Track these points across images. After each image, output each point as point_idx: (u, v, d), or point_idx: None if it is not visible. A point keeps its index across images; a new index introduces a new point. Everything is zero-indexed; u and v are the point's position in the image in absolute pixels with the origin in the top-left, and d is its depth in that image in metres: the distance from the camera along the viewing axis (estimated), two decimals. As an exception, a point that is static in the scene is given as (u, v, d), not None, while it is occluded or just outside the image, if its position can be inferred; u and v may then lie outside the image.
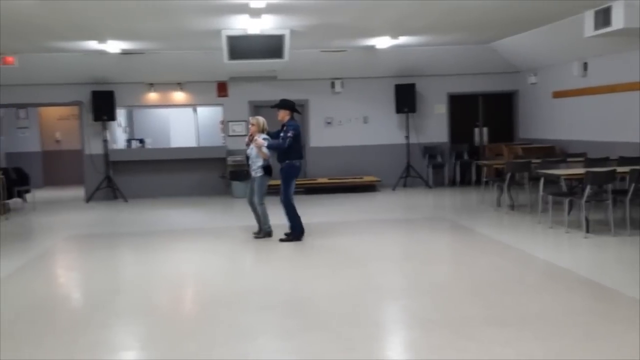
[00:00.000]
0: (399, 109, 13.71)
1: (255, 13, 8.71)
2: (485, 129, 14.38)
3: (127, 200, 13.09)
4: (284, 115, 8.21)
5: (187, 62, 12.80)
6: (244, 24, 9.56)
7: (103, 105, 13.04)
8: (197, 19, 9.08)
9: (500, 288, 5.81)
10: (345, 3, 8.31)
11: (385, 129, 14.06)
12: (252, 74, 13.05)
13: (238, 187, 12.68)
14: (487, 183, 11.13)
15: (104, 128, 13.26)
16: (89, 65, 12.61)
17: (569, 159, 10.12)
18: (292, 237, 8.22)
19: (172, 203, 12.67)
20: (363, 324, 4.86)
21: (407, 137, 13.83)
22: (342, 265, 6.95)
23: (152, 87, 13.56)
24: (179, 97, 13.77)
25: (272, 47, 10.41)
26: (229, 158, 13.19)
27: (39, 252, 8.24)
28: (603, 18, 8.57)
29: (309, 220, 9.58)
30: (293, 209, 8.19)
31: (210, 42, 10.81)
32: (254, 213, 8.52)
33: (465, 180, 14.13)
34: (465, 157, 14.15)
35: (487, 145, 14.03)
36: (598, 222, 8.52)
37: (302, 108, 13.80)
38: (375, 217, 10.24)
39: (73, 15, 8.50)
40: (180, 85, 13.62)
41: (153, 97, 13.68)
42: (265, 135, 8.29)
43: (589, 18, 8.91)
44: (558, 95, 12.40)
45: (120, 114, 14.38)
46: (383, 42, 11.78)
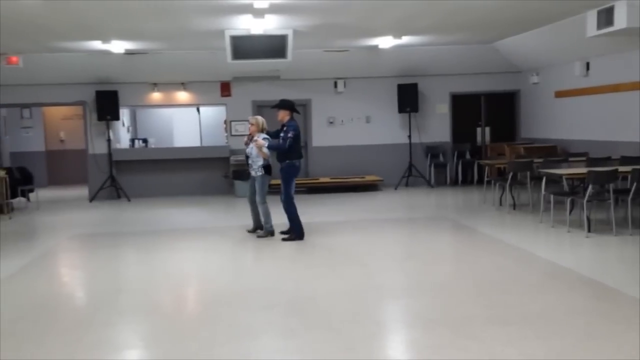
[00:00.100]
0: (402, 109, 13.73)
1: (259, 13, 8.74)
2: (488, 129, 14.37)
3: (130, 200, 13.13)
4: (284, 116, 8.26)
5: (190, 62, 12.83)
6: (248, 24, 9.59)
7: (107, 105, 13.08)
8: (200, 19, 9.10)
9: (502, 287, 5.83)
10: (349, 3, 8.33)
11: (388, 129, 14.07)
12: (255, 74, 13.08)
13: (241, 186, 12.69)
14: (489, 182, 11.13)
15: (108, 128, 13.31)
16: (93, 65, 12.65)
17: (571, 159, 10.12)
18: (294, 236, 8.26)
19: (175, 202, 12.71)
20: (364, 323, 4.88)
21: (409, 136, 13.84)
22: (343, 265, 6.98)
23: (155, 87, 13.60)
24: (183, 97, 13.80)
25: (275, 47, 10.43)
26: (232, 157, 13.22)
27: (43, 251, 8.29)
28: (605, 18, 8.58)
29: (311, 220, 9.62)
30: (294, 208, 8.24)
31: (214, 42, 10.84)
32: (252, 211, 8.66)
33: (467, 180, 14.14)
34: (468, 156, 14.16)
35: (489, 145, 14.02)
36: (600, 221, 8.53)
37: (304, 108, 13.87)
38: (377, 216, 10.26)
39: (77, 16, 8.53)
40: (184, 85, 13.66)
41: (156, 97, 13.72)
42: (265, 135, 8.35)
43: (592, 18, 8.91)
44: (560, 95, 12.41)
45: (124, 114, 14.43)
46: (386, 42, 11.79)
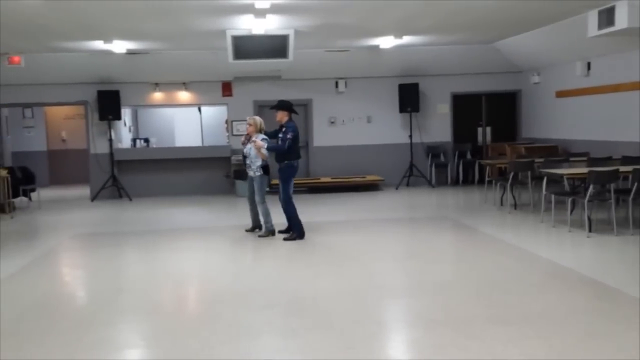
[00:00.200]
0: (403, 109, 13.73)
1: (260, 13, 8.75)
2: (488, 129, 14.37)
3: (131, 199, 13.15)
4: (282, 116, 8.31)
5: (192, 62, 12.85)
6: (249, 24, 9.60)
7: (108, 105, 13.10)
8: (202, 19, 9.12)
9: (503, 287, 5.84)
10: (350, 3, 8.34)
11: (389, 129, 14.08)
12: (256, 74, 13.09)
13: (242, 186, 12.68)
14: (490, 182, 11.14)
15: (110, 127, 13.32)
16: (95, 65, 12.67)
17: (572, 159, 10.12)
18: (294, 235, 8.29)
19: (176, 202, 12.72)
20: (365, 323, 4.89)
21: (410, 136, 13.85)
22: (344, 264, 6.99)
23: (157, 86, 13.61)
24: (184, 96, 13.82)
25: (276, 47, 10.45)
26: (233, 157, 13.23)
27: (44, 250, 8.30)
28: (607, 18, 8.58)
29: (312, 219, 9.63)
30: (293, 208, 8.28)
31: (215, 42, 10.85)
32: (251, 211, 8.74)
33: (468, 180, 14.14)
34: (468, 156, 14.16)
35: (490, 145, 14.03)
36: (601, 221, 8.53)
37: (305, 108, 13.89)
38: (378, 216, 10.27)
39: (79, 16, 8.55)
40: (185, 85, 13.67)
41: (158, 96, 13.73)
42: (264, 136, 8.40)
43: (593, 18, 8.92)
44: (561, 95, 12.41)
45: (126, 114, 14.44)
46: (387, 41, 11.80)
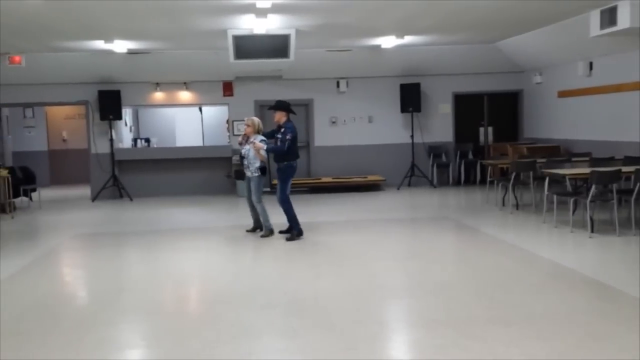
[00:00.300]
0: (404, 109, 13.72)
1: (261, 13, 8.74)
2: (490, 129, 14.37)
3: (132, 199, 13.14)
4: (281, 117, 8.34)
5: (193, 61, 12.84)
6: (250, 24, 9.59)
7: (109, 105, 13.09)
8: (203, 19, 9.11)
9: (505, 287, 5.82)
10: (351, 3, 8.32)
11: (390, 129, 14.06)
12: (257, 74, 13.08)
13: (243, 186, 12.65)
14: (491, 182, 11.13)
15: (110, 127, 13.31)
16: (96, 65, 12.67)
17: (574, 159, 10.10)
18: (295, 233, 8.31)
19: (177, 202, 12.71)
20: (366, 323, 4.87)
21: (411, 136, 13.83)
22: (345, 264, 6.97)
23: (158, 86, 13.60)
24: (185, 96, 13.81)
25: (277, 46, 10.44)
26: (234, 157, 13.21)
27: (45, 250, 8.29)
28: (609, 17, 8.57)
29: (314, 219, 9.63)
30: (291, 207, 8.32)
31: (216, 41, 10.84)
32: (252, 211, 8.76)
33: (470, 180, 14.13)
34: (470, 156, 14.14)
35: (491, 145, 14.02)
36: (603, 221, 8.52)
37: (307, 107, 13.88)
38: (380, 216, 10.25)
39: (80, 15, 8.54)
40: (186, 85, 13.66)
41: (159, 96, 13.72)
42: (263, 137, 8.42)
43: (595, 17, 8.90)
44: (563, 95, 12.39)
45: (127, 114, 14.44)
46: (388, 41, 11.78)
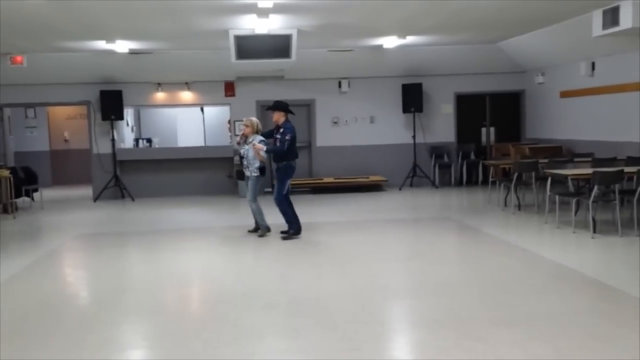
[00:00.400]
0: (406, 109, 13.70)
1: (263, 13, 8.73)
2: (492, 129, 14.35)
3: (134, 200, 13.14)
4: (279, 117, 8.37)
5: (194, 61, 12.84)
6: (252, 24, 9.58)
7: (111, 105, 13.10)
8: (204, 19, 9.10)
9: (507, 288, 5.81)
10: (353, 3, 8.32)
11: (392, 129, 14.05)
12: (259, 74, 13.08)
13: (245, 186, 12.68)
14: (494, 183, 11.12)
15: (112, 127, 13.31)
16: (97, 65, 12.67)
17: (576, 159, 10.09)
18: (292, 233, 8.36)
19: (179, 202, 12.71)
20: (369, 324, 4.87)
21: (413, 136, 13.82)
22: (347, 265, 6.97)
23: (159, 86, 13.61)
24: (187, 96, 13.81)
25: (279, 46, 10.43)
26: (236, 157, 13.21)
27: (47, 250, 8.29)
28: (611, 17, 8.55)
29: (315, 220, 9.63)
30: (287, 207, 8.36)
31: (218, 42, 10.84)
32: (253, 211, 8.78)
33: (472, 180, 14.11)
34: (472, 157, 14.12)
35: (494, 145, 14.01)
36: (605, 222, 8.50)
37: (308, 108, 13.89)
38: (382, 216, 10.24)
39: (81, 15, 8.54)
40: (188, 85, 13.66)
41: (161, 96, 13.73)
42: (262, 138, 8.46)
43: (597, 17, 8.89)
44: (565, 95, 12.37)
45: (128, 114, 14.46)
46: (390, 41, 11.78)
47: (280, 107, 8.41)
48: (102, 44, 10.96)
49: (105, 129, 13.39)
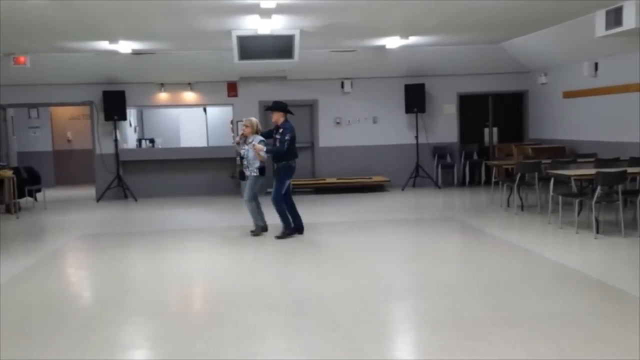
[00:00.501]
0: (409, 109, 13.70)
1: (266, 13, 8.74)
2: (495, 129, 14.34)
3: (137, 200, 13.15)
4: (278, 117, 8.40)
5: (197, 62, 12.85)
6: (255, 24, 9.59)
7: (114, 105, 13.11)
8: (207, 19, 9.11)
9: (510, 289, 5.80)
10: (356, 3, 8.32)
11: (395, 129, 14.05)
12: (262, 74, 13.09)
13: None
14: (496, 183, 11.10)
15: (115, 128, 13.34)
16: (100, 65, 12.69)
17: (579, 160, 10.07)
18: (287, 232, 8.40)
19: (181, 202, 12.72)
20: (371, 324, 4.86)
21: (416, 137, 13.81)
22: (350, 265, 6.96)
23: (162, 87, 13.62)
24: (189, 97, 13.82)
25: (282, 47, 10.44)
26: (239, 158, 13.22)
27: (50, 251, 8.30)
28: (614, 18, 8.54)
29: (318, 220, 9.63)
30: (283, 205, 8.39)
31: (221, 42, 10.85)
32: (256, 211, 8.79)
33: (475, 181, 14.10)
34: (475, 157, 14.11)
35: (496, 146, 13.99)
36: (608, 223, 8.48)
37: (311, 108, 13.90)
38: (384, 217, 10.24)
39: (84, 16, 8.56)
40: (191, 85, 13.67)
41: (163, 97, 13.74)
42: (262, 138, 8.47)
43: (600, 18, 8.88)
44: (568, 96, 12.35)
45: (131, 114, 14.46)
46: (393, 42, 11.77)
47: (280, 107, 8.44)
48: (105, 45, 10.98)
49: (108, 129, 13.41)
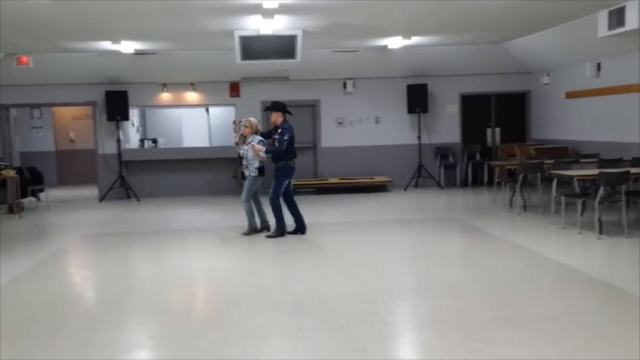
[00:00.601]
0: (411, 109, 13.69)
1: (268, 13, 8.74)
2: (498, 130, 14.33)
3: (139, 200, 13.16)
4: (277, 117, 8.43)
5: (200, 62, 12.86)
6: (257, 25, 9.59)
7: (116, 105, 13.13)
8: (210, 20, 9.11)
9: (512, 289, 5.80)
10: (358, 3, 8.31)
11: (397, 129, 14.04)
12: (264, 74, 13.09)
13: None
14: (499, 184, 11.10)
15: (117, 128, 13.35)
16: (103, 66, 12.70)
17: (582, 160, 10.06)
18: (278, 234, 8.47)
19: (184, 202, 12.73)
20: (374, 324, 4.86)
21: (419, 137, 13.80)
22: (352, 265, 6.96)
23: (165, 87, 13.63)
24: (192, 97, 13.83)
25: (284, 47, 10.44)
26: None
27: (53, 250, 8.31)
28: (617, 18, 8.53)
29: (320, 220, 9.63)
30: (280, 206, 8.42)
31: (223, 42, 10.85)
32: (258, 211, 8.83)
33: (477, 181, 14.09)
34: (478, 157, 14.11)
35: (499, 146, 13.98)
36: (611, 223, 8.47)
37: (313, 108, 13.90)
38: (387, 217, 10.23)
39: (87, 16, 8.56)
40: (193, 86, 13.68)
41: (166, 97, 13.75)
42: (261, 138, 8.50)
43: (603, 18, 8.86)
44: (571, 96, 12.34)
45: (134, 114, 14.48)
46: (395, 42, 11.77)
47: (278, 107, 8.46)
48: (107, 45, 10.99)
49: (111, 130, 13.42)
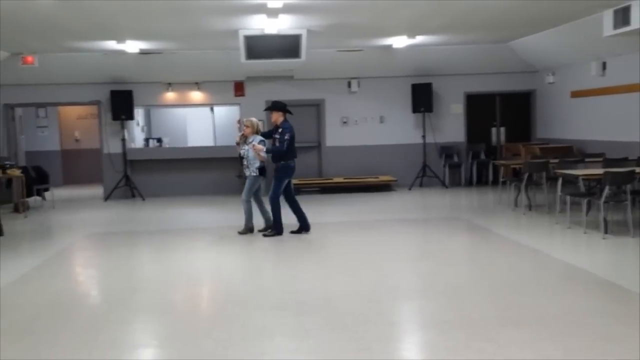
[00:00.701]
0: (416, 109, 13.68)
1: (273, 13, 8.74)
2: (503, 129, 14.30)
3: (144, 199, 13.19)
4: (277, 117, 8.45)
5: (204, 61, 12.88)
6: (261, 24, 9.60)
7: (121, 105, 13.15)
8: (214, 19, 9.12)
9: (517, 289, 5.79)
10: (363, 3, 8.31)
11: (402, 129, 14.03)
12: (269, 74, 13.09)
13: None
14: (504, 183, 11.07)
15: (123, 127, 13.38)
16: (108, 65, 12.73)
17: (587, 159, 10.04)
18: (274, 233, 8.50)
19: (188, 202, 12.74)
20: (378, 324, 4.86)
21: (423, 136, 13.79)
22: (357, 265, 6.96)
23: (170, 86, 13.65)
24: (197, 96, 13.85)
25: (289, 46, 10.44)
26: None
27: (58, 249, 8.34)
28: (622, 17, 8.50)
29: (325, 220, 9.64)
30: (279, 207, 8.46)
31: (228, 42, 10.86)
32: (261, 211, 8.83)
33: (482, 180, 14.07)
34: (482, 156, 14.08)
35: (504, 145, 13.95)
36: (617, 222, 8.45)
37: (318, 108, 13.90)
38: (391, 216, 10.23)
39: (92, 16, 8.58)
40: (198, 85, 13.70)
41: (171, 96, 13.77)
42: (262, 138, 8.53)
43: (608, 17, 8.84)
44: (576, 95, 12.30)
45: (139, 114, 14.50)
46: (400, 41, 11.76)
47: (278, 107, 8.48)
48: (112, 44, 11.01)
49: (116, 129, 13.45)
